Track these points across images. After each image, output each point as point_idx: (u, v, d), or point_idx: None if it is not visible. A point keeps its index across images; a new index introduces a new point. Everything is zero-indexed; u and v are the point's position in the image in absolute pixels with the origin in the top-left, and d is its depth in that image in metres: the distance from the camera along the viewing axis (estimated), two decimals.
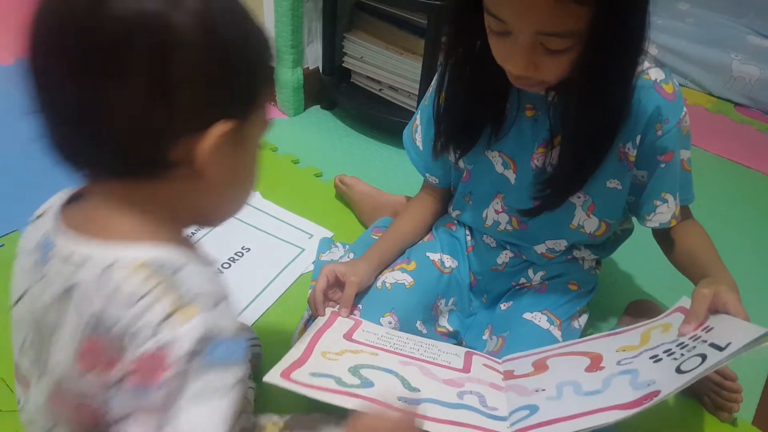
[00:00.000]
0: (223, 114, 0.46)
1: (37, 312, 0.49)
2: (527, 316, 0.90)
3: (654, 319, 0.78)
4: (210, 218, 0.55)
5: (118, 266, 0.45)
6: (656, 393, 0.61)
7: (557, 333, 0.87)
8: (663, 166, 0.80)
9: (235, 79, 0.47)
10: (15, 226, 1.14)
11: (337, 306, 0.86)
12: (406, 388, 0.71)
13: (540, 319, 0.89)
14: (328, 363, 0.73)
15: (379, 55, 1.52)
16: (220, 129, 0.46)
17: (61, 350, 0.48)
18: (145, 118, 0.43)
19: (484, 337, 0.94)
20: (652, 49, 2.09)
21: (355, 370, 0.72)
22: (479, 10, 0.70)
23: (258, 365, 0.88)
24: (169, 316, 0.43)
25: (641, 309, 1.07)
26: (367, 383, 0.69)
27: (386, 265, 0.93)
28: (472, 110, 0.84)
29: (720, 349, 0.62)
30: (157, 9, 0.41)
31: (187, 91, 0.43)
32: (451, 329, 0.96)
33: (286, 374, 0.68)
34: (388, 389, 0.69)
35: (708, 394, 0.93)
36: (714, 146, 1.63)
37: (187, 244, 0.52)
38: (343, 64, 1.62)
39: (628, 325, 0.81)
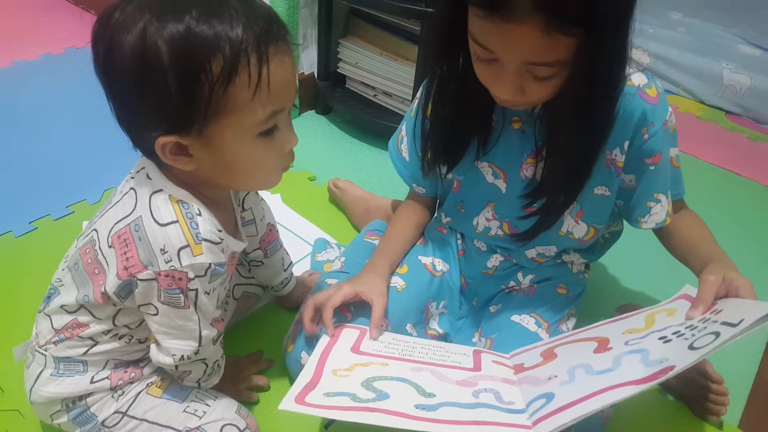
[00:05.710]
0: (167, 129, 0.59)
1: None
2: (515, 318, 0.90)
3: (657, 305, 0.78)
4: (232, 187, 0.75)
5: (161, 194, 0.65)
6: (670, 368, 0.61)
7: (545, 336, 0.88)
8: (652, 168, 0.81)
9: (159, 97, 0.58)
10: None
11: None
12: (422, 395, 0.70)
13: (528, 322, 0.89)
14: (340, 380, 0.72)
15: (374, 61, 1.54)
16: (161, 142, 0.60)
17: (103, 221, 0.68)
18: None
19: (474, 340, 0.94)
20: (645, 58, 2.09)
21: (368, 384, 0.71)
22: (464, 30, 0.70)
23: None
24: (186, 246, 0.63)
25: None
26: (383, 395, 0.69)
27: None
28: (458, 126, 0.84)
29: (733, 325, 0.62)
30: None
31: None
32: (441, 332, 0.97)
33: (300, 399, 0.67)
34: (404, 398, 0.69)
35: (695, 397, 0.93)
36: (705, 153, 1.65)
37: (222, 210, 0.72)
38: (338, 70, 1.64)
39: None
